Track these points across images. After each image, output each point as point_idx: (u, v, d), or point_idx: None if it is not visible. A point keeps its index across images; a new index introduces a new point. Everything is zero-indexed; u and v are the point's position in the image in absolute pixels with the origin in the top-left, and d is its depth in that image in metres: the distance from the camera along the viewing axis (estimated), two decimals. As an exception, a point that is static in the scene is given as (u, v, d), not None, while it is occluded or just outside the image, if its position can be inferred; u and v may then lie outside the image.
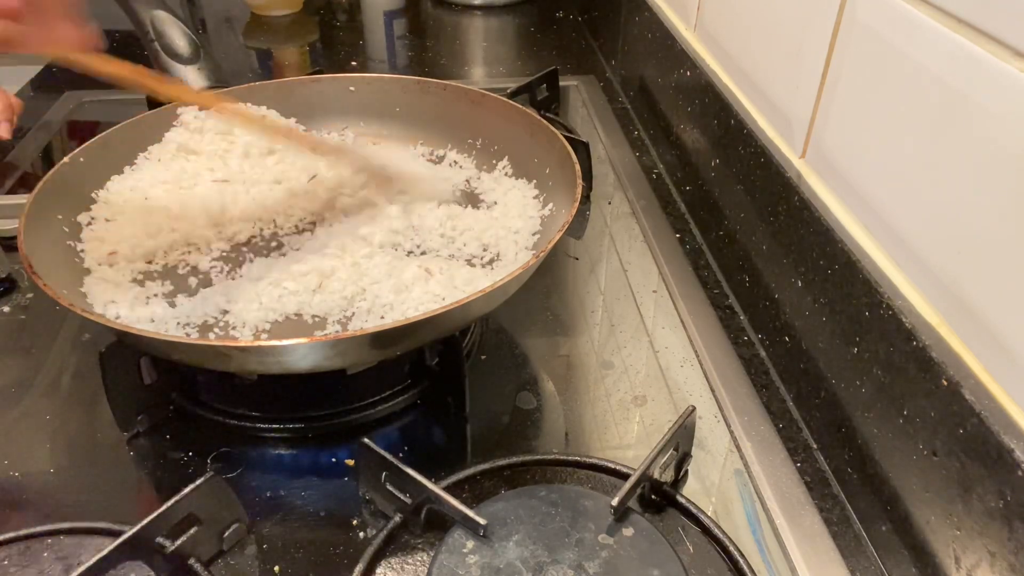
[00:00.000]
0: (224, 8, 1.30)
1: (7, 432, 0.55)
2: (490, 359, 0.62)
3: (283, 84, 0.77)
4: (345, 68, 1.11)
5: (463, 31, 1.27)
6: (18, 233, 0.54)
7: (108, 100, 1.00)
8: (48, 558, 0.45)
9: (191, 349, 0.48)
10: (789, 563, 0.47)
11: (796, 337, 0.57)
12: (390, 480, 0.47)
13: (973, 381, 0.40)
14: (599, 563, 0.42)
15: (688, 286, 0.69)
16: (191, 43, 0.76)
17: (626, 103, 1.02)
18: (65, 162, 0.63)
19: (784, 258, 0.58)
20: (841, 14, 0.53)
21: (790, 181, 0.57)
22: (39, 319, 0.65)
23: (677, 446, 0.50)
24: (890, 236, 0.48)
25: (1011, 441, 0.36)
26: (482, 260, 0.62)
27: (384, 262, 0.58)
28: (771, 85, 0.64)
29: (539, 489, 0.47)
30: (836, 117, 0.54)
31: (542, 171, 0.67)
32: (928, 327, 0.43)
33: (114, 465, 0.53)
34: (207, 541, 0.46)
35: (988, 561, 0.38)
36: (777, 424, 0.56)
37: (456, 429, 0.56)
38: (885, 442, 0.46)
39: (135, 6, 0.77)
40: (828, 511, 0.50)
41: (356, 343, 0.48)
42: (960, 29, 0.42)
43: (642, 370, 0.61)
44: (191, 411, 0.56)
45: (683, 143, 0.81)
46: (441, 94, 0.76)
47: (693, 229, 0.78)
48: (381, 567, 0.46)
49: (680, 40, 0.82)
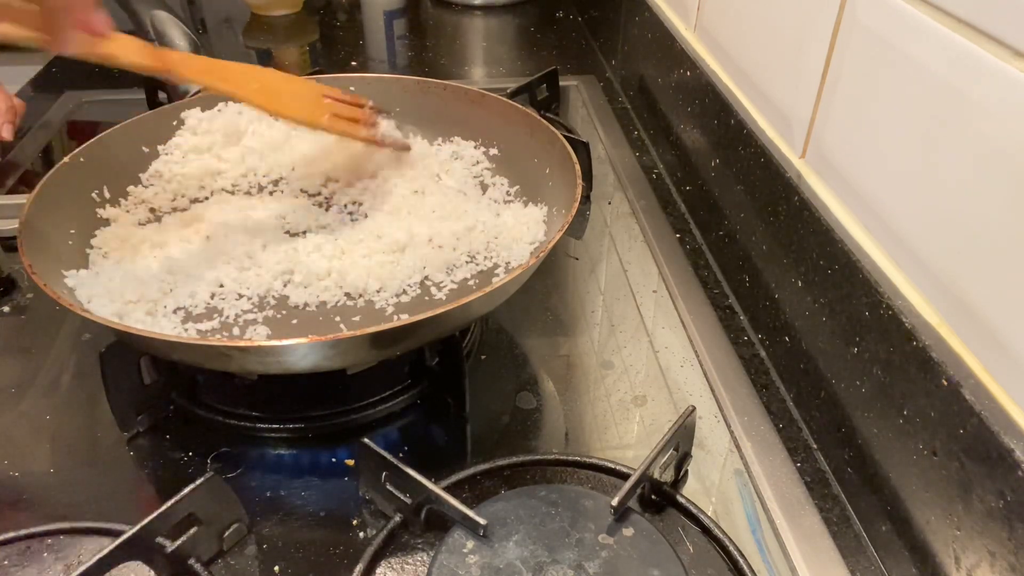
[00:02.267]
0: (224, 8, 1.30)
1: (7, 432, 0.55)
2: (490, 359, 0.62)
3: (283, 84, 0.77)
4: (345, 68, 1.11)
5: (463, 31, 1.27)
6: (18, 233, 0.54)
7: (108, 100, 1.00)
8: (48, 558, 0.45)
9: (191, 349, 0.48)
10: (789, 563, 0.47)
11: (796, 337, 0.57)
12: (390, 480, 0.47)
13: (973, 381, 0.40)
14: (599, 563, 0.42)
15: (688, 286, 0.69)
16: (191, 43, 0.77)
17: (626, 103, 1.02)
18: (65, 162, 0.63)
19: (784, 258, 0.58)
20: (841, 14, 0.53)
21: (790, 181, 0.57)
22: (39, 319, 0.65)
23: (677, 446, 0.50)
24: (890, 236, 0.48)
25: (1011, 441, 0.36)
26: (482, 263, 0.62)
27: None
28: (771, 85, 0.64)
29: (539, 489, 0.47)
30: (836, 117, 0.54)
31: (542, 171, 0.67)
32: (928, 327, 0.43)
33: (114, 465, 0.53)
34: (207, 541, 0.46)
35: (988, 561, 0.38)
36: (777, 424, 0.56)
37: (456, 429, 0.56)
38: (885, 442, 0.46)
39: (135, 6, 0.77)
40: (828, 511, 0.50)
41: (356, 343, 0.48)
42: (960, 29, 0.42)
43: (642, 370, 0.61)
44: (191, 411, 0.56)
45: (683, 143, 0.81)
46: (441, 94, 0.76)
47: (693, 229, 0.78)
48: (381, 567, 0.46)
49: (680, 40, 0.82)
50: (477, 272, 0.60)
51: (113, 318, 0.53)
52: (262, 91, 0.60)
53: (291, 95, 0.63)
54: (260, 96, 0.60)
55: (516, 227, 0.63)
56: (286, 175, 0.71)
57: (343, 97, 0.67)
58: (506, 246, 0.62)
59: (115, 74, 1.08)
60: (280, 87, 0.63)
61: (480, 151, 0.73)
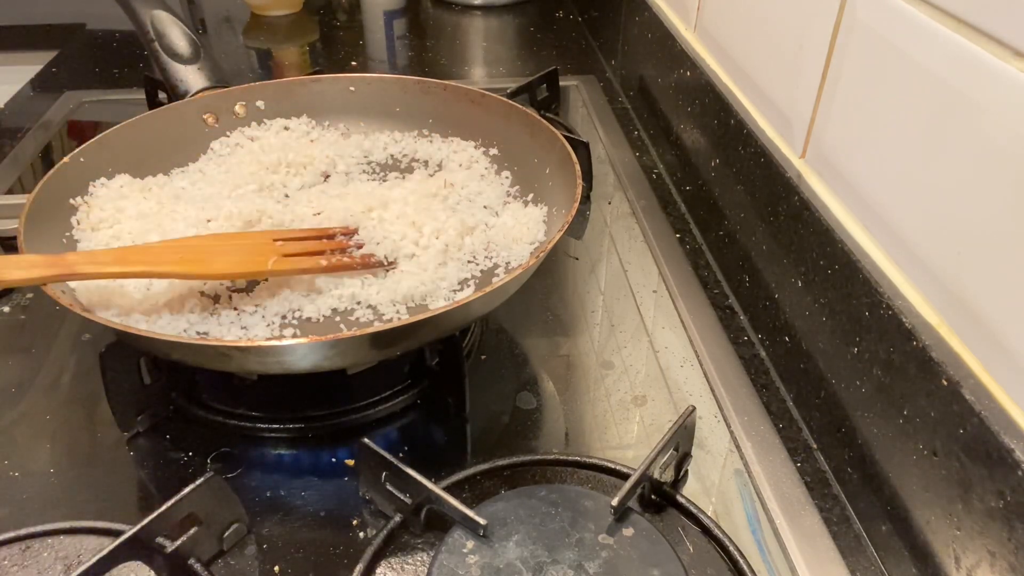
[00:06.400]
0: (224, 8, 1.30)
1: (7, 432, 0.55)
2: (490, 359, 0.62)
3: (283, 84, 0.77)
4: (345, 68, 1.11)
5: (463, 31, 1.27)
6: (18, 233, 0.54)
7: (108, 100, 1.00)
8: (48, 558, 0.45)
9: (191, 349, 0.48)
10: (789, 563, 0.47)
11: (796, 337, 0.57)
12: (390, 480, 0.47)
13: (973, 381, 0.40)
14: (599, 563, 0.42)
15: (688, 286, 0.69)
16: (191, 43, 0.76)
17: (626, 103, 1.02)
18: (65, 162, 0.63)
19: (784, 258, 0.58)
20: (841, 14, 0.53)
21: (790, 181, 0.57)
22: (39, 319, 0.65)
23: (677, 446, 0.50)
24: (890, 236, 0.48)
25: (1011, 441, 0.36)
26: (482, 263, 0.62)
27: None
28: (771, 85, 0.64)
29: (539, 489, 0.47)
30: (836, 117, 0.54)
31: (542, 171, 0.67)
32: (928, 327, 0.43)
33: (114, 465, 0.53)
34: (207, 541, 0.46)
35: (988, 561, 0.38)
36: (777, 424, 0.56)
37: (456, 429, 0.56)
38: (885, 442, 0.46)
39: (135, 6, 0.77)
40: (828, 511, 0.50)
41: (356, 343, 0.48)
42: (960, 29, 0.42)
43: (642, 370, 0.61)
44: (191, 411, 0.56)
45: (683, 143, 0.81)
46: (441, 94, 0.76)
47: (693, 229, 0.78)
48: (381, 567, 0.46)
49: (680, 40, 0.82)
50: (477, 272, 0.60)
51: (113, 318, 0.53)
52: (184, 261, 0.54)
53: (227, 252, 0.56)
54: (182, 266, 0.53)
55: (516, 227, 0.63)
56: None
57: (303, 234, 0.60)
58: (506, 246, 0.62)
59: (115, 74, 1.08)
60: (212, 248, 0.56)
61: (480, 151, 0.73)
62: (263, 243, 0.57)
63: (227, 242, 0.57)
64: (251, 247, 0.57)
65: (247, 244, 0.57)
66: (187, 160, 0.72)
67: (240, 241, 0.58)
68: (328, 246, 0.59)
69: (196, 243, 0.56)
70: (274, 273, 0.56)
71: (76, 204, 0.62)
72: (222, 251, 0.56)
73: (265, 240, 0.58)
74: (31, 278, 0.49)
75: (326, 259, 0.58)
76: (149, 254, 0.53)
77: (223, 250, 0.56)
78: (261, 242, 0.57)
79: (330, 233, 0.61)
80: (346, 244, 0.60)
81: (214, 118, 0.74)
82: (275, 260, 0.56)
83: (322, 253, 0.58)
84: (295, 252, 0.57)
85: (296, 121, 0.76)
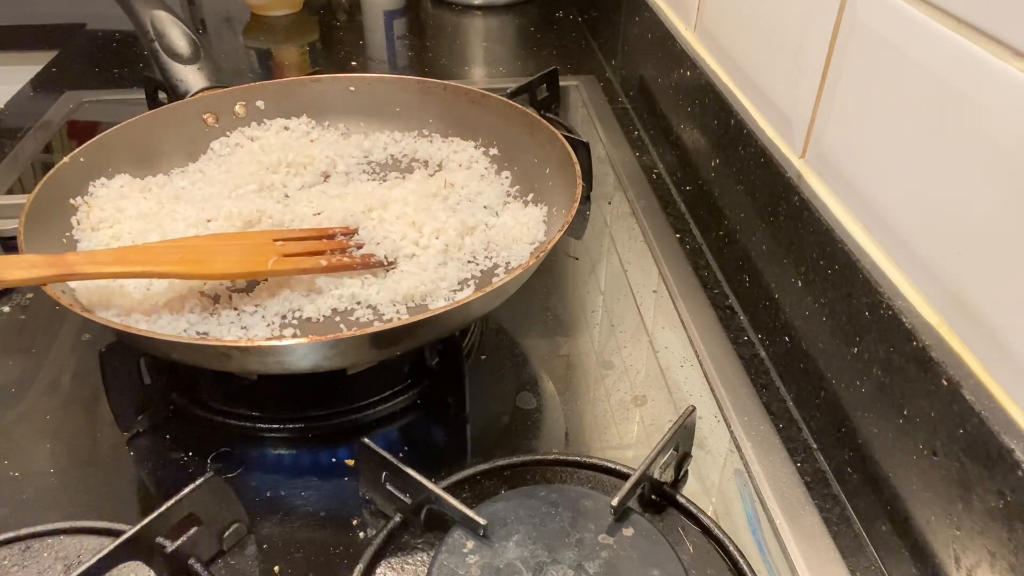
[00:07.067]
0: (224, 8, 1.30)
1: (7, 432, 0.55)
2: (490, 359, 0.62)
3: (283, 84, 0.77)
4: (345, 68, 1.11)
5: (463, 31, 1.27)
6: (18, 233, 0.54)
7: (108, 100, 1.00)
8: (48, 558, 0.45)
9: (191, 349, 0.48)
10: (789, 563, 0.47)
11: (796, 337, 0.57)
12: (390, 480, 0.47)
13: (973, 381, 0.40)
14: (599, 563, 0.42)
15: (688, 286, 0.69)
16: (191, 43, 0.76)
17: (626, 103, 1.02)
18: (65, 162, 0.63)
19: (784, 258, 0.58)
20: (841, 14, 0.53)
21: (790, 181, 0.57)
22: (39, 319, 0.65)
23: (677, 446, 0.50)
24: (890, 236, 0.48)
25: (1011, 441, 0.36)
26: (482, 263, 0.62)
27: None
28: (771, 85, 0.64)
29: (539, 489, 0.47)
30: (836, 117, 0.54)
31: (542, 171, 0.67)
32: (928, 327, 0.43)
33: (114, 465, 0.53)
34: (207, 541, 0.46)
35: (988, 561, 0.38)
36: (777, 424, 0.56)
37: (456, 429, 0.56)
38: (885, 442, 0.46)
39: (135, 6, 0.77)
40: (828, 511, 0.50)
41: (356, 343, 0.48)
42: (960, 29, 0.42)
43: (642, 370, 0.61)
44: (191, 411, 0.56)
45: (683, 143, 0.81)
46: (441, 94, 0.76)
47: (693, 229, 0.78)
48: (381, 567, 0.46)
49: (680, 40, 0.82)
50: (477, 272, 0.60)
51: (113, 318, 0.53)
52: (184, 261, 0.53)
53: (227, 252, 0.56)
54: (182, 266, 0.53)
55: (516, 227, 0.63)
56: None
57: (303, 234, 0.60)
58: (506, 246, 0.62)
59: (115, 74, 1.08)
60: (212, 248, 0.56)
61: (480, 151, 0.73)
62: (263, 243, 0.57)
63: (227, 242, 0.57)
64: (251, 247, 0.57)
65: (247, 244, 0.58)
66: (187, 160, 0.72)
67: (240, 241, 0.58)
68: (328, 246, 0.59)
69: (196, 243, 0.57)
70: (274, 273, 0.56)
71: (76, 204, 0.62)
72: (222, 251, 0.56)
73: (265, 240, 0.58)
74: (31, 278, 0.49)
75: (326, 259, 0.58)
76: (149, 254, 0.54)
77: (223, 250, 0.56)
78: (261, 242, 0.58)
79: (330, 233, 0.61)
80: (346, 244, 0.60)
81: (214, 118, 0.74)
82: (275, 260, 0.56)
83: (322, 253, 0.58)
84: (295, 252, 0.57)
85: (296, 121, 0.77)
